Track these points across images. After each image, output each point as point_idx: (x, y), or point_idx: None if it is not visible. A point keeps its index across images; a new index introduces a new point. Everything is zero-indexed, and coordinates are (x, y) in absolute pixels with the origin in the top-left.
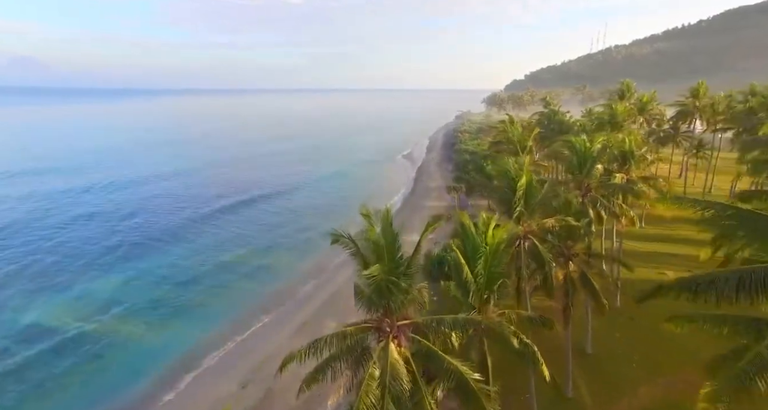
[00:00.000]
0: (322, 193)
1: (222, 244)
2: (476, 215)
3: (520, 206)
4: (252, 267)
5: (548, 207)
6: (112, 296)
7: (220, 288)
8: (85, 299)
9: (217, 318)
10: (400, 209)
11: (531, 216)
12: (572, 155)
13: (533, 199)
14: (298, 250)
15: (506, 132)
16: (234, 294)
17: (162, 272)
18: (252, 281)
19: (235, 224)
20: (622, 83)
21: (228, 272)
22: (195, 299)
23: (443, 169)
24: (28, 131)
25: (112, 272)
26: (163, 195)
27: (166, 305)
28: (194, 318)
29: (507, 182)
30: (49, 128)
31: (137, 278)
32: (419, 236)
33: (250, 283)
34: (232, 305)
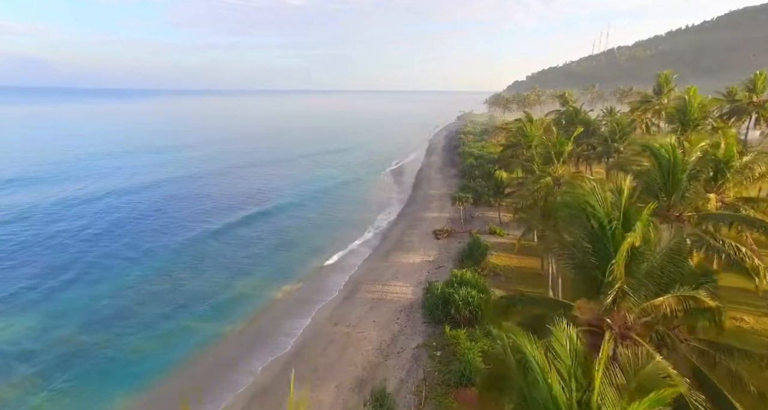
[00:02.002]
0: (312, 201)
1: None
2: (484, 229)
3: (618, 283)
4: (215, 302)
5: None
6: (18, 345)
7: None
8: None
9: (156, 377)
10: (395, 221)
11: (636, 294)
12: (655, 168)
13: (642, 263)
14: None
15: (524, 133)
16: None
17: (102, 304)
18: (211, 320)
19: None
20: (659, 76)
21: (184, 306)
22: (131, 345)
23: (445, 174)
24: (16, 131)
25: (39, 306)
26: (141, 210)
27: (89, 359)
28: (120, 380)
29: (589, 232)
30: (41, 127)
31: (65, 315)
32: (419, 256)
33: (211, 324)
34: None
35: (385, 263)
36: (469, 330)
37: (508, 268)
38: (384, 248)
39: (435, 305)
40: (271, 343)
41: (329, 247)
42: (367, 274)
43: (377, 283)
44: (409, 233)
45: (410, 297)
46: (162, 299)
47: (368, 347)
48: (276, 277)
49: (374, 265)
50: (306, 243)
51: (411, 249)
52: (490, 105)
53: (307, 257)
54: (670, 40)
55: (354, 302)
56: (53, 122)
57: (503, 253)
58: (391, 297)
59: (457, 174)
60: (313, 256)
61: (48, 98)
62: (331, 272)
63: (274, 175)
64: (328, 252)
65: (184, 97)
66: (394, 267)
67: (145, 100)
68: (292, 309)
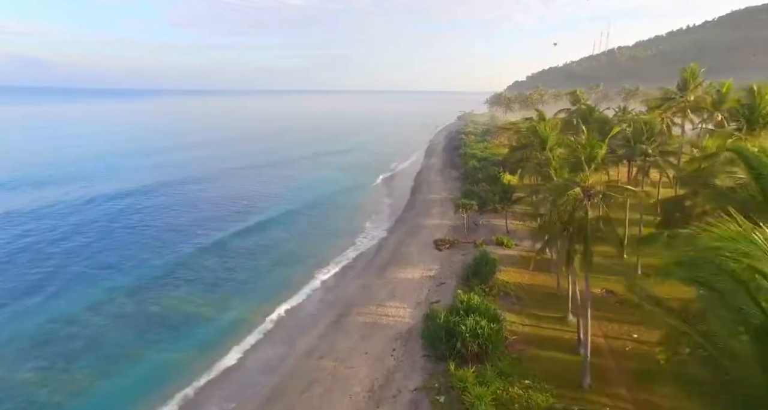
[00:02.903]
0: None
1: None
2: (490, 239)
3: None
4: (179, 328)
5: None
6: None
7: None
8: None
9: None
10: (392, 228)
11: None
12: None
13: None
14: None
15: (536, 134)
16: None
17: (54, 330)
18: (170, 351)
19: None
20: (685, 70)
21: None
22: (74, 385)
23: (446, 177)
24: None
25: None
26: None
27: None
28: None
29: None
30: (39, 127)
31: (9, 343)
32: (419, 271)
33: (169, 354)
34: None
35: (381, 279)
36: (478, 367)
37: (519, 286)
38: (380, 260)
39: (437, 337)
40: (241, 384)
41: (320, 260)
42: (360, 293)
43: (371, 304)
44: (407, 242)
45: (408, 322)
46: (124, 325)
47: (357, 388)
48: (259, 296)
49: (368, 281)
50: (296, 256)
51: (409, 262)
52: (490, 105)
53: (295, 272)
54: (670, 40)
55: (343, 328)
56: (52, 122)
57: (513, 268)
58: (386, 321)
59: (458, 177)
60: (302, 271)
61: (48, 98)
62: (320, 291)
63: (272, 178)
64: (319, 267)
65: (184, 97)
66: (390, 284)
67: (145, 100)
68: (272, 336)
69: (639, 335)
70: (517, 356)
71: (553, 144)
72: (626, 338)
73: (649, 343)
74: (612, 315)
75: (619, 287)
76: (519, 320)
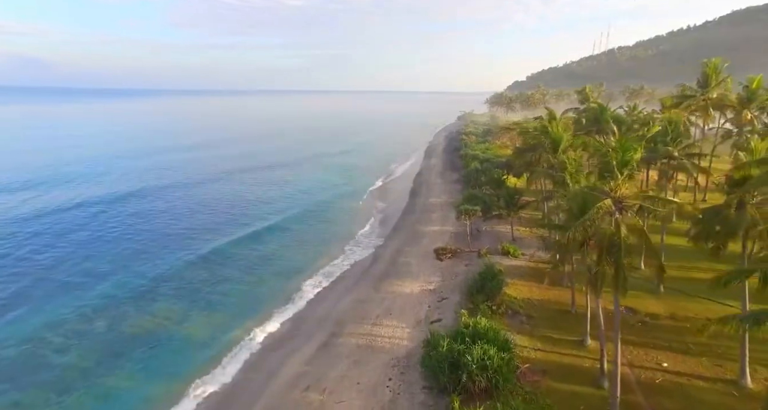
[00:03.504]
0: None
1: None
2: (495, 246)
3: None
4: (154, 351)
5: None
6: None
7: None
8: None
9: None
10: (390, 236)
11: None
12: None
13: None
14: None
15: (548, 134)
16: None
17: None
18: (138, 379)
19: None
20: (706, 65)
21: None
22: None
23: (446, 179)
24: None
25: None
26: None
27: None
28: None
29: None
30: (39, 127)
31: None
32: (418, 283)
33: (137, 383)
34: None
35: (377, 293)
36: (487, 405)
37: (529, 303)
38: (376, 271)
39: (439, 368)
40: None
41: (311, 272)
42: (354, 309)
43: (365, 322)
44: (406, 251)
45: (406, 344)
46: (90, 347)
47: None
48: (244, 313)
49: (363, 295)
50: (286, 267)
51: (408, 274)
52: (490, 105)
53: (284, 286)
54: (671, 40)
55: (334, 351)
56: (51, 122)
57: (521, 281)
58: (381, 344)
59: (459, 179)
60: (291, 284)
61: (48, 98)
62: (310, 307)
63: (269, 181)
64: (310, 279)
65: (184, 97)
66: (386, 299)
67: (145, 100)
68: (254, 361)
69: (669, 363)
70: (532, 390)
71: (566, 146)
72: (655, 367)
73: (684, 375)
74: (635, 338)
75: (640, 303)
76: (531, 343)
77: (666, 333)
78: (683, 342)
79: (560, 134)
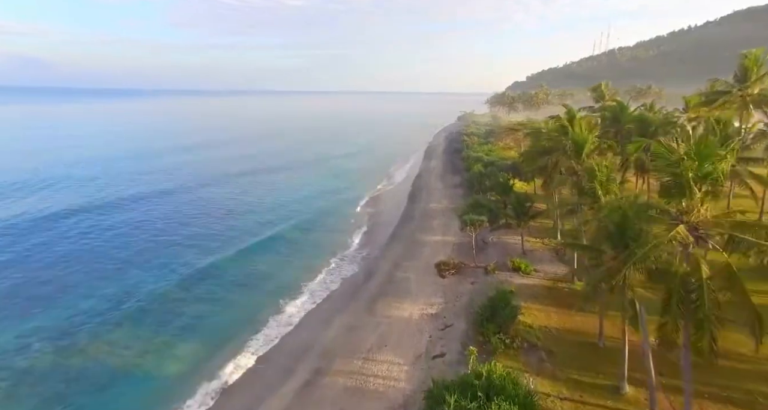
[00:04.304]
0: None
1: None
2: (503, 260)
3: None
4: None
5: None
6: None
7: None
8: None
9: None
10: (386, 246)
11: None
12: None
13: None
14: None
15: (569, 136)
16: None
17: None
18: None
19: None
20: (745, 56)
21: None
22: None
23: (447, 183)
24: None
25: None
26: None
27: None
28: None
29: None
30: (36, 127)
31: None
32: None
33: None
34: None
35: (370, 316)
36: None
37: (547, 333)
38: (370, 290)
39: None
40: None
41: (297, 289)
42: (343, 337)
43: (356, 356)
44: (403, 266)
45: (404, 387)
46: (32, 384)
47: None
48: (215, 341)
49: (354, 320)
50: (270, 284)
51: (406, 293)
52: (491, 105)
53: (264, 306)
54: (672, 41)
55: (317, 394)
56: (50, 122)
57: (535, 303)
58: (374, 386)
59: (461, 183)
60: (272, 305)
61: (47, 98)
62: (293, 335)
63: (265, 186)
64: (294, 298)
65: (184, 97)
66: (381, 325)
67: (145, 100)
68: (223, 404)
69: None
70: None
71: (591, 150)
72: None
73: None
74: (680, 382)
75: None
76: (554, 389)
77: (742, 380)
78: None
79: (584, 135)
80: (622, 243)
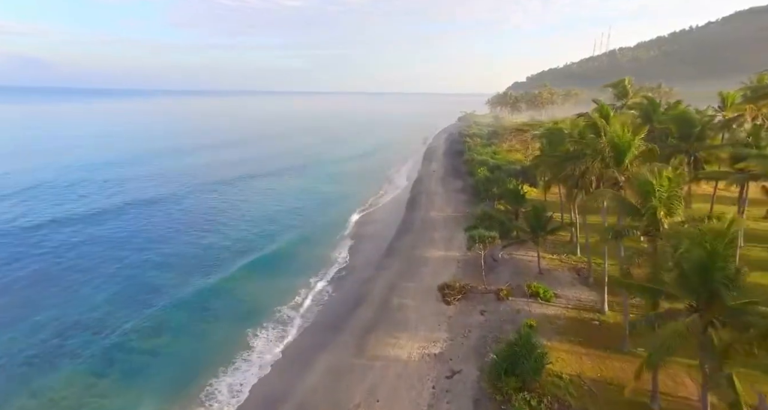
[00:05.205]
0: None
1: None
2: (517, 282)
3: None
4: None
5: None
6: None
7: None
8: None
9: None
10: (380, 263)
11: None
12: None
13: None
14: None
15: (607, 138)
16: None
17: None
18: None
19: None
20: None
21: None
22: None
23: (448, 188)
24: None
25: None
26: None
27: None
28: None
29: None
30: (30, 127)
31: None
32: (418, 342)
33: None
34: None
35: (359, 357)
36: None
37: (581, 387)
38: (360, 319)
39: None
40: None
41: (273, 317)
42: (324, 389)
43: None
44: (401, 288)
45: None
46: None
47: None
48: (166, 387)
49: (340, 362)
50: (241, 310)
51: (404, 325)
52: (492, 105)
53: (229, 339)
54: (673, 41)
55: None
56: (49, 123)
57: (562, 341)
58: None
59: (463, 188)
60: (243, 342)
61: (47, 98)
62: (264, 383)
63: (259, 191)
64: (269, 331)
65: (184, 98)
66: (373, 370)
67: (145, 100)
68: None
69: None
70: None
71: (634, 156)
72: None
73: None
74: None
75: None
76: None
77: None
78: None
79: (626, 136)
80: (705, 291)
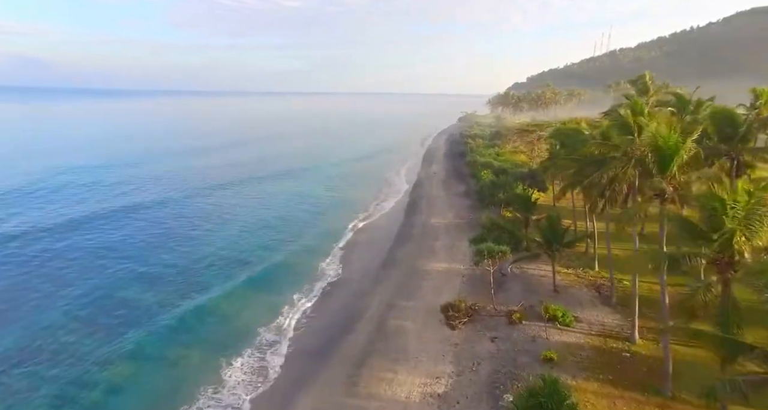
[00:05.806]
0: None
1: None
2: (530, 301)
3: None
4: None
5: None
6: None
7: None
8: None
9: None
10: (376, 276)
11: None
12: None
13: None
14: None
15: (636, 140)
16: None
17: None
18: None
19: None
20: None
21: None
22: None
23: (450, 191)
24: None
25: None
26: None
27: None
28: None
29: None
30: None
31: None
32: (418, 378)
33: None
34: None
35: (349, 395)
36: None
37: None
38: (351, 347)
39: None
40: None
41: (250, 343)
42: None
43: None
44: (398, 308)
45: None
46: None
47: None
48: None
49: (326, 402)
50: (216, 333)
51: (402, 355)
52: (493, 106)
53: (203, 383)
54: (674, 41)
55: None
56: (48, 122)
57: (589, 379)
58: None
59: (466, 192)
60: (216, 375)
61: (47, 98)
62: None
63: (255, 195)
64: (242, 364)
65: (183, 98)
66: None
67: (145, 100)
68: None
69: None
70: None
71: (683, 161)
72: None
73: None
74: None
75: None
76: None
77: None
78: None
79: (674, 138)
80: None
